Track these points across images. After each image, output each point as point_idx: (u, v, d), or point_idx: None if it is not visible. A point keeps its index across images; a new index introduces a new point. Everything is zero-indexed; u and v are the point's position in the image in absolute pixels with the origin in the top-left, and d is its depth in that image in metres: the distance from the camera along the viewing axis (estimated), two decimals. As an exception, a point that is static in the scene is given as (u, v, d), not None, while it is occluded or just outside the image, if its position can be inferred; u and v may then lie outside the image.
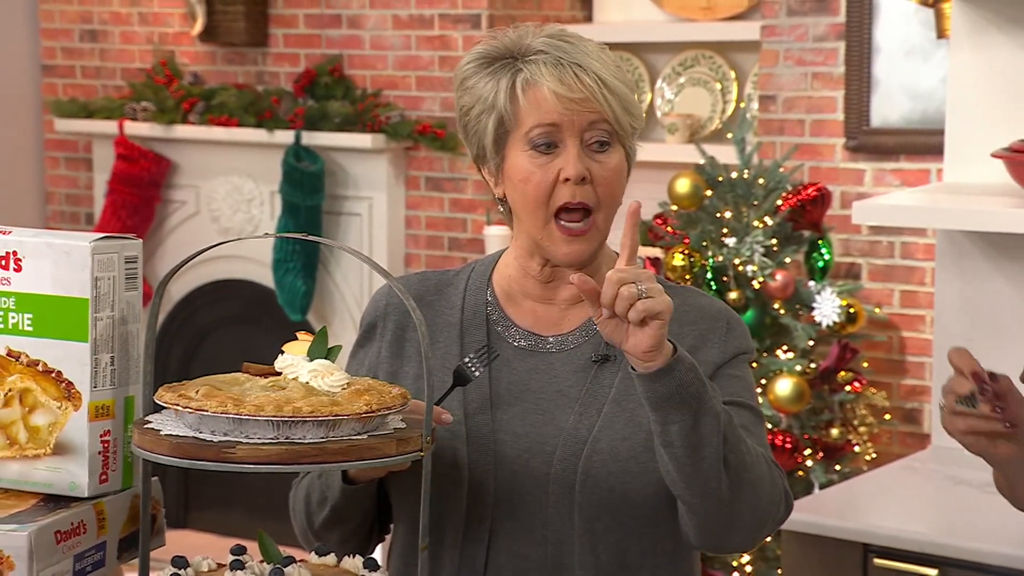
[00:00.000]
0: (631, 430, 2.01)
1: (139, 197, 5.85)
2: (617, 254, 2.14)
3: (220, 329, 5.96)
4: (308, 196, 5.44)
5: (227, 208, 5.78)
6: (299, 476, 2.17)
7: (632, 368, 1.89)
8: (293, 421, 1.72)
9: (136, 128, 5.83)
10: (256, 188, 5.71)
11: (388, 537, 2.20)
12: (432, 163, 5.43)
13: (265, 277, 5.65)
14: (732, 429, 1.94)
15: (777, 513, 2.04)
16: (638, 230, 1.90)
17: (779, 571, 3.91)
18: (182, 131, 5.75)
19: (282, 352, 1.87)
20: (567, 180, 2.00)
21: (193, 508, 5.98)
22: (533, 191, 2.02)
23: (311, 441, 1.73)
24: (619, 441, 2.01)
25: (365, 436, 1.77)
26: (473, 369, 2.04)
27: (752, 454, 1.97)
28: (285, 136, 5.49)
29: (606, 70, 2.01)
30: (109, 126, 5.89)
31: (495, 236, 5.19)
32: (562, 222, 2.02)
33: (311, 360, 1.85)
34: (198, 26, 5.73)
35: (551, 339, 2.10)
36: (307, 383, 1.81)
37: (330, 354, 1.86)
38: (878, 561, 3.08)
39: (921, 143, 4.43)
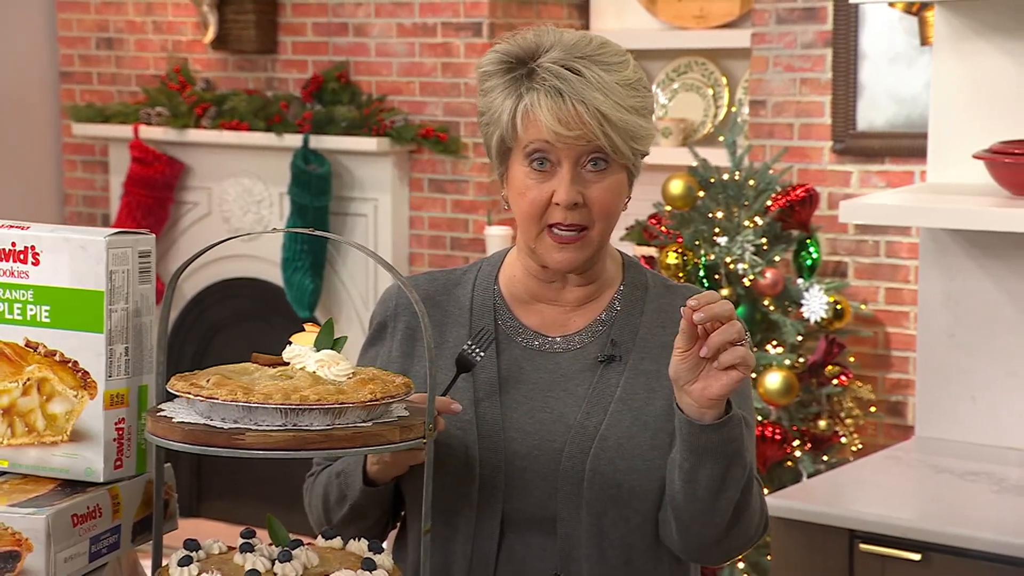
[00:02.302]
0: (637, 428, 2.00)
1: (153, 199, 5.85)
2: (621, 253, 2.15)
3: (231, 326, 5.96)
4: (316, 197, 5.44)
5: (238, 209, 5.78)
6: (311, 472, 2.16)
7: (680, 409, 1.90)
8: (300, 409, 1.72)
9: (150, 132, 5.83)
10: (266, 190, 5.71)
11: (397, 524, 2.20)
12: (435, 166, 5.43)
13: (274, 276, 5.65)
14: (751, 479, 1.98)
15: (757, 536, 2.07)
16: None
17: (768, 557, 3.91)
18: (195, 135, 5.75)
19: (290, 343, 1.87)
20: (558, 205, 1.98)
21: (205, 498, 5.99)
22: (528, 207, 2.00)
23: (318, 428, 1.73)
24: (626, 439, 2.00)
25: (370, 424, 1.77)
26: (474, 355, 2.04)
27: (756, 494, 2.00)
28: (293, 140, 5.49)
29: (610, 100, 1.94)
30: (124, 130, 5.90)
31: (496, 236, 5.20)
32: (555, 231, 2.00)
33: (318, 350, 1.84)
34: (210, 34, 5.74)
35: (558, 339, 2.09)
36: (314, 372, 1.81)
37: (336, 345, 1.86)
38: (863, 546, 3.08)
39: (905, 146, 4.44)
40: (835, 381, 4.29)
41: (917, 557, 3.02)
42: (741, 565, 4.15)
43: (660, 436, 1.99)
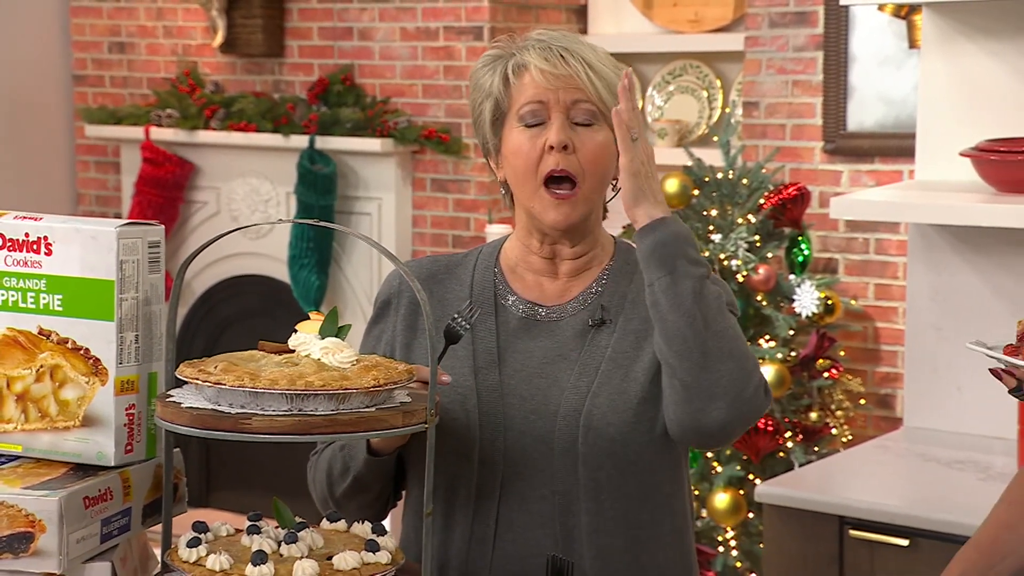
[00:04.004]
0: (627, 384, 2.04)
1: (164, 198, 5.85)
2: (615, 237, 2.19)
3: (239, 322, 5.96)
4: (321, 197, 5.44)
5: (246, 208, 5.78)
6: (316, 449, 2.18)
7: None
8: (305, 394, 1.73)
9: (161, 134, 5.83)
10: (273, 189, 5.71)
11: (399, 503, 2.21)
12: (437, 166, 5.43)
13: (281, 273, 5.65)
14: (717, 301, 1.99)
15: (755, 395, 1.99)
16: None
17: (761, 545, 3.91)
18: (204, 136, 5.75)
19: (295, 331, 1.87)
20: (552, 148, 2.05)
21: (214, 488, 5.99)
22: (523, 162, 2.07)
23: (322, 413, 1.73)
24: (617, 395, 2.04)
25: (373, 409, 1.77)
26: (460, 326, 2.04)
27: (733, 330, 2.01)
28: (300, 141, 5.49)
29: (593, 55, 2.08)
30: (136, 132, 5.89)
31: (496, 235, 5.19)
32: (550, 187, 2.07)
33: (322, 338, 1.85)
34: (219, 38, 5.74)
35: (553, 308, 2.14)
36: (319, 359, 1.81)
37: (340, 333, 1.87)
38: (853, 532, 3.08)
39: (894, 146, 4.43)
40: (826, 374, 4.29)
41: (905, 543, 3.02)
42: (735, 553, 4.15)
43: (649, 388, 2.04)
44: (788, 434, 4.20)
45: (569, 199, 2.07)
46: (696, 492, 4.16)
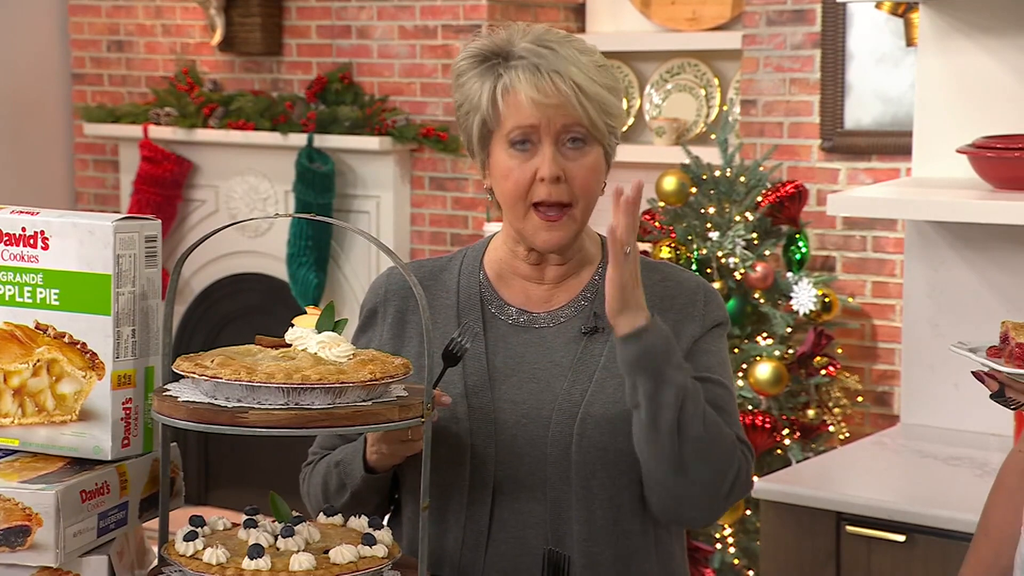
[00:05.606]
0: (621, 394, 2.01)
1: (162, 196, 5.85)
2: (600, 236, 2.17)
3: (238, 320, 5.96)
4: (320, 195, 5.44)
5: (244, 207, 5.78)
6: (308, 461, 2.17)
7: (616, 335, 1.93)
8: (302, 388, 1.73)
9: (159, 132, 5.83)
10: (271, 188, 5.71)
11: (392, 507, 2.20)
12: (435, 164, 5.43)
13: (280, 271, 5.65)
14: (695, 406, 1.96)
15: (733, 491, 2.04)
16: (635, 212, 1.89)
17: (758, 542, 3.91)
18: (202, 135, 5.75)
19: (292, 325, 1.87)
20: (543, 179, 2.01)
21: (213, 486, 5.99)
22: (512, 187, 2.03)
23: (319, 407, 1.73)
24: (610, 404, 2.02)
25: (370, 403, 1.77)
26: (456, 350, 2.04)
27: (713, 432, 1.98)
28: (298, 139, 5.49)
29: (584, 74, 2.01)
30: (134, 130, 5.90)
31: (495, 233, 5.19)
32: (540, 210, 2.04)
33: (319, 333, 1.85)
34: (217, 36, 5.74)
35: (542, 315, 2.12)
36: (315, 353, 1.81)
37: (337, 327, 1.87)
38: (850, 528, 3.08)
39: (891, 144, 4.43)
40: (823, 372, 4.29)
41: (902, 538, 3.02)
42: (732, 550, 4.15)
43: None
44: (785, 431, 4.20)
45: (560, 220, 2.03)
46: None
